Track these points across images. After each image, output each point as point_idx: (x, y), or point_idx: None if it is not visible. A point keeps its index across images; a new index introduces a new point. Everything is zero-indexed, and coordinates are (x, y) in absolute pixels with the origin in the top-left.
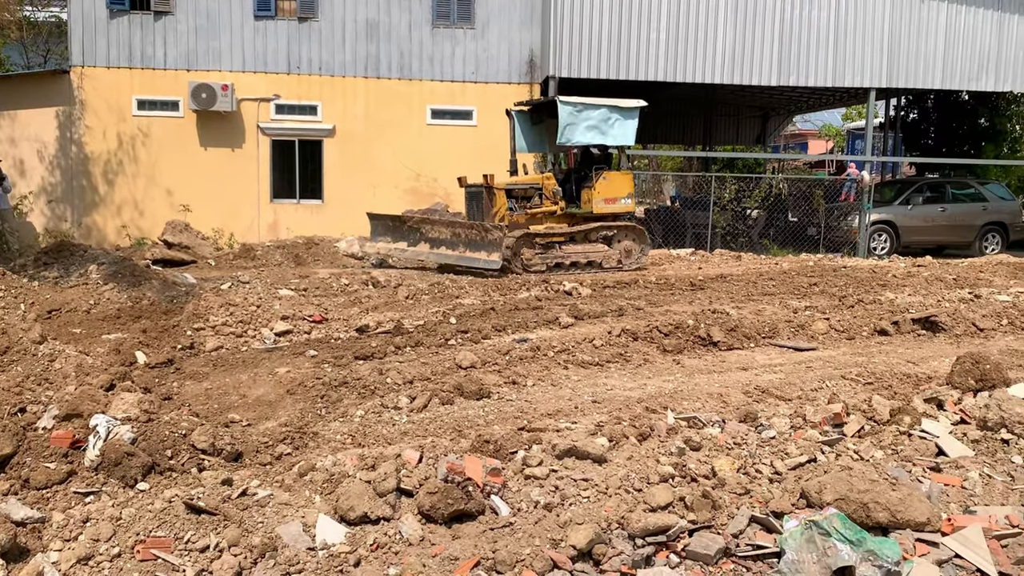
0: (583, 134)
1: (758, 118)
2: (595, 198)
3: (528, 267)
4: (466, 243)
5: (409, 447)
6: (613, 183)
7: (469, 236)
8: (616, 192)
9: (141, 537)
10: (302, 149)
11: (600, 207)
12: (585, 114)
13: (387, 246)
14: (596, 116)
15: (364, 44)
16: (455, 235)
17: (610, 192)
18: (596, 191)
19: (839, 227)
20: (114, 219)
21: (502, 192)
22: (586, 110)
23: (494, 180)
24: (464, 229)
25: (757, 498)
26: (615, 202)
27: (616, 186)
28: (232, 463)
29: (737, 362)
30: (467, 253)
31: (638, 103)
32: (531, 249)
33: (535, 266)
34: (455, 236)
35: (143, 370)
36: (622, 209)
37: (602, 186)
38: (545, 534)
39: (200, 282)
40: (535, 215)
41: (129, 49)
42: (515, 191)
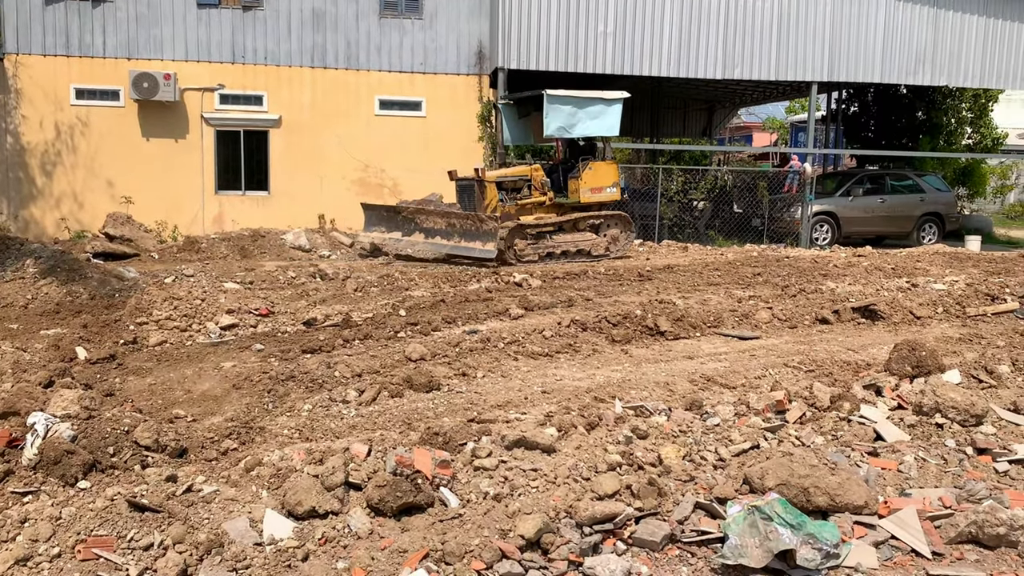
0: (568, 126)
1: (704, 111)
2: (582, 188)
3: (521, 257)
4: (461, 233)
5: (357, 441)
6: (598, 172)
7: (464, 226)
8: (602, 181)
9: (82, 536)
10: (247, 140)
11: (587, 196)
12: (569, 106)
13: (381, 236)
14: (580, 108)
15: (310, 33)
16: (450, 225)
17: (596, 181)
18: (582, 181)
19: (782, 218)
20: (52, 212)
21: (493, 184)
22: (570, 102)
23: (485, 173)
24: (459, 219)
25: (702, 484)
26: (601, 191)
27: (601, 175)
28: (177, 459)
29: (683, 351)
30: (462, 243)
31: (621, 94)
32: (523, 240)
33: (528, 256)
34: (450, 226)
35: (84, 366)
36: (608, 198)
37: (588, 176)
38: (494, 525)
39: (143, 276)
40: (525, 206)
41: (67, 36)
42: (505, 183)
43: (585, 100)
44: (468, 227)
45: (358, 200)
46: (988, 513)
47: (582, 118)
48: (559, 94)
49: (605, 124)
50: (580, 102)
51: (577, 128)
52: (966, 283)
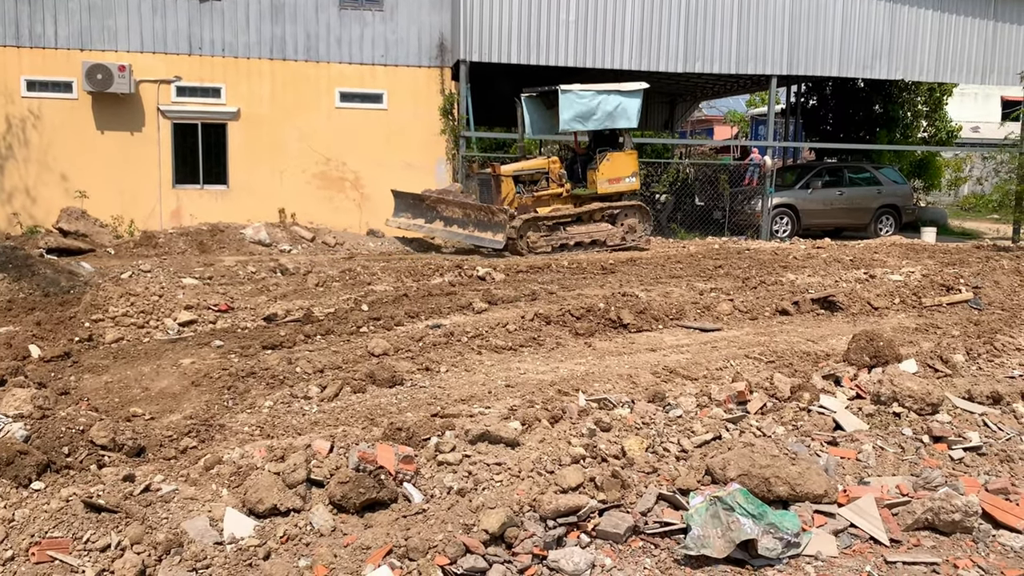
0: (584, 119)
1: (666, 104)
2: (599, 178)
3: (534, 248)
4: (475, 223)
5: (320, 437)
6: (616, 163)
7: (478, 217)
8: (620, 172)
9: (36, 539)
10: (205, 133)
11: (604, 187)
12: (586, 100)
13: (407, 221)
14: (598, 101)
15: (269, 25)
16: (466, 215)
17: (614, 172)
18: (600, 172)
19: (743, 211)
20: (3, 207)
21: (508, 179)
22: (587, 96)
23: (499, 168)
24: (473, 210)
25: (664, 476)
26: (619, 181)
27: (620, 166)
28: (134, 458)
29: (646, 344)
30: (475, 232)
31: (640, 85)
32: (536, 231)
33: (541, 247)
34: (466, 216)
35: (37, 364)
36: (627, 188)
37: (606, 167)
38: (458, 519)
39: (99, 271)
40: (541, 198)
41: (16, 26)
42: (522, 176)
43: (601, 93)
44: (481, 218)
45: (319, 194)
46: (944, 500)
47: (599, 111)
48: (573, 88)
49: (625, 116)
50: (596, 96)
51: (594, 121)
52: (922, 274)
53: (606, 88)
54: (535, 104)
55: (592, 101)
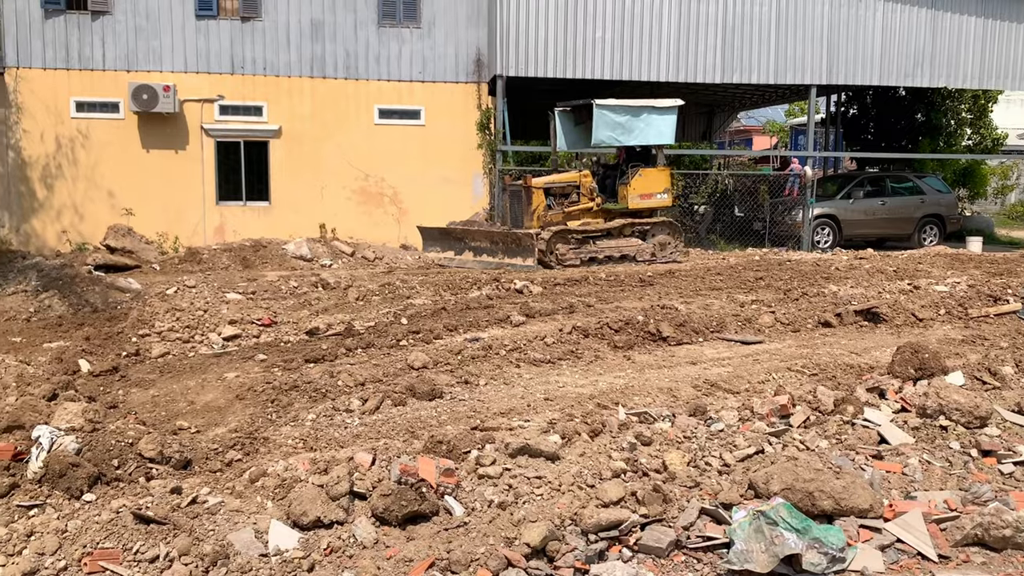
0: (617, 135)
1: (704, 115)
2: (630, 194)
3: (563, 261)
4: (504, 250)
5: (362, 450)
6: (648, 179)
7: (506, 243)
8: (652, 188)
9: (88, 549)
10: (248, 150)
11: (636, 202)
12: (619, 115)
13: (438, 255)
14: (630, 117)
15: (309, 44)
16: (493, 243)
17: (645, 188)
18: (631, 187)
19: (783, 221)
20: (54, 224)
21: (539, 191)
22: (620, 111)
23: (531, 180)
24: (500, 237)
25: (707, 490)
26: (651, 197)
27: (652, 182)
28: (181, 471)
29: (686, 357)
30: (505, 259)
31: (675, 102)
32: (566, 244)
33: (570, 260)
34: (494, 244)
35: (87, 379)
36: (658, 204)
37: (637, 182)
38: (499, 533)
39: (145, 287)
40: (572, 212)
41: (66, 50)
42: (553, 189)
43: (636, 109)
44: (509, 243)
45: (359, 209)
46: (994, 515)
47: (633, 126)
48: (608, 103)
49: (658, 132)
50: (630, 111)
51: (628, 136)
52: (968, 284)
53: (640, 104)
54: (568, 118)
55: (626, 116)
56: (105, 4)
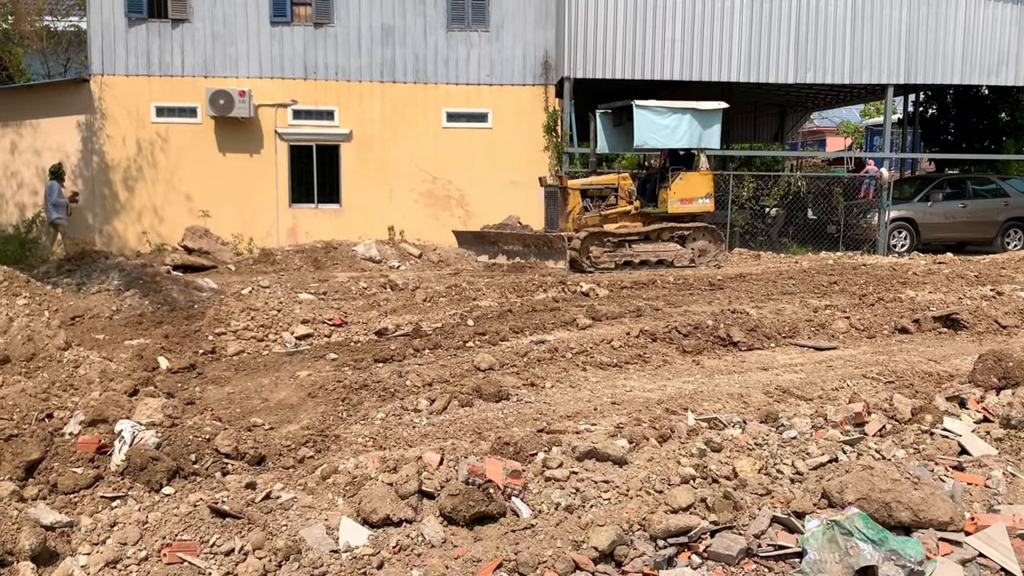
0: (659, 137)
1: (775, 115)
2: (670, 198)
3: (597, 264)
4: (535, 253)
5: (430, 449)
6: (690, 183)
7: (537, 246)
8: (693, 192)
9: (167, 541)
10: (319, 154)
11: (676, 207)
12: (661, 118)
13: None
14: (673, 120)
15: (380, 49)
16: (526, 246)
17: (686, 192)
18: (671, 191)
19: (858, 224)
20: (135, 225)
21: (576, 192)
22: (662, 114)
23: (567, 181)
24: (532, 240)
25: (778, 498)
26: (692, 202)
27: (693, 186)
28: (255, 467)
29: (757, 362)
30: (537, 262)
31: (719, 105)
32: (600, 247)
33: (603, 263)
34: (526, 247)
35: (166, 375)
36: (699, 209)
37: (678, 186)
38: (567, 536)
39: (221, 287)
40: (609, 215)
41: (147, 57)
42: (591, 191)
43: (679, 110)
44: (541, 246)
45: (426, 211)
46: None
47: (676, 129)
48: (650, 105)
49: (702, 135)
50: (672, 114)
51: (671, 139)
52: None
53: (684, 106)
54: (608, 120)
55: (667, 119)
56: (184, 12)
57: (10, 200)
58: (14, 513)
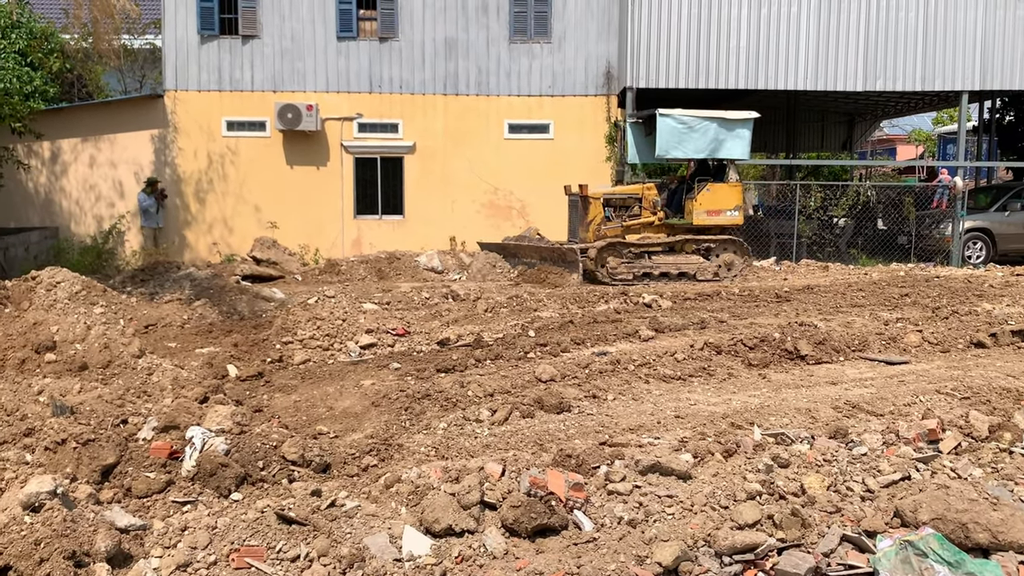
0: (682, 147)
1: (844, 123)
2: (696, 210)
3: (614, 276)
4: (552, 263)
5: (492, 460)
6: (717, 195)
7: (552, 258)
8: (721, 204)
9: (236, 546)
10: (383, 166)
11: (701, 219)
12: (686, 128)
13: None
14: (700, 129)
15: (443, 62)
16: (542, 258)
17: (713, 204)
18: (698, 202)
19: (931, 235)
20: (205, 236)
21: (597, 201)
22: (687, 123)
23: (588, 190)
24: (547, 252)
25: (848, 516)
26: (719, 214)
27: (721, 198)
28: (321, 474)
29: (826, 376)
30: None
31: (750, 115)
32: (617, 258)
33: (621, 275)
34: (542, 259)
35: (235, 383)
36: (727, 222)
37: (704, 198)
38: (630, 550)
39: (288, 297)
40: (632, 225)
41: (219, 72)
42: (614, 200)
43: (704, 120)
44: (555, 258)
45: (487, 222)
46: None
47: (702, 139)
48: (673, 113)
49: (730, 146)
50: (698, 122)
51: (695, 149)
52: None
53: (711, 115)
54: (639, 130)
55: (692, 128)
56: (254, 29)
57: (88, 212)
58: (91, 515)
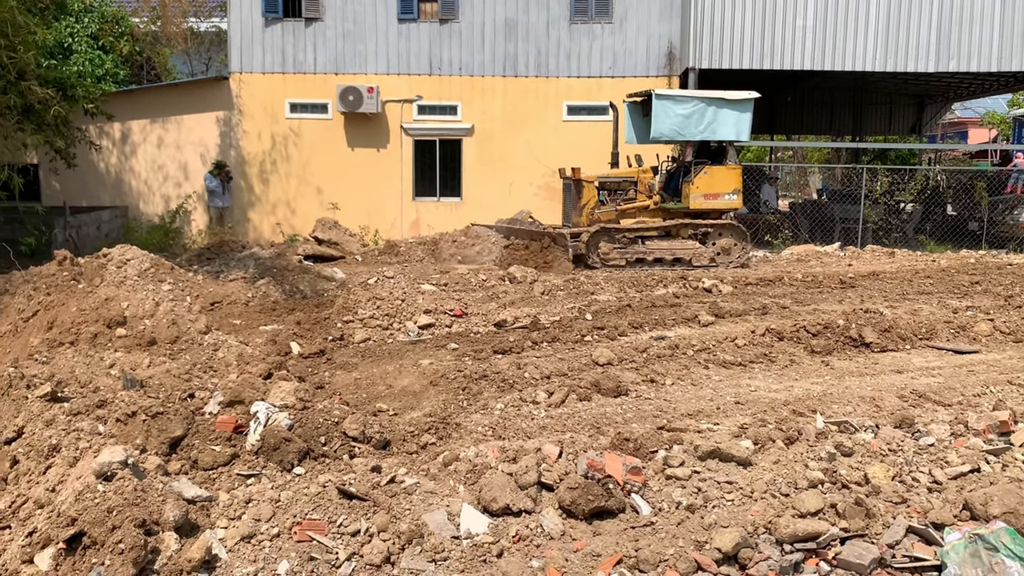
0: (677, 129)
1: (913, 106)
2: (693, 193)
3: (606, 261)
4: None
5: (549, 442)
6: (715, 178)
7: (540, 242)
8: (718, 188)
9: (298, 519)
10: (442, 148)
11: (698, 203)
12: (681, 108)
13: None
14: (695, 110)
15: (503, 43)
16: (533, 240)
17: (710, 188)
18: (694, 185)
19: (1004, 221)
20: (269, 217)
21: (590, 185)
22: (684, 104)
23: (580, 173)
24: (536, 236)
25: (915, 508)
26: (716, 198)
27: (719, 181)
28: (380, 451)
29: (891, 364)
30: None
31: (750, 95)
32: (610, 243)
33: (613, 260)
34: (532, 242)
35: (297, 360)
36: (725, 205)
37: (702, 181)
38: (688, 535)
39: (348, 277)
40: (626, 209)
41: (282, 55)
42: (608, 184)
43: (703, 101)
44: (545, 243)
45: (545, 204)
46: None
47: (699, 120)
48: (669, 93)
49: (729, 127)
50: (695, 104)
51: (693, 131)
52: None
53: (709, 96)
54: (637, 110)
55: (690, 109)
56: (317, 11)
57: (156, 192)
58: (159, 486)
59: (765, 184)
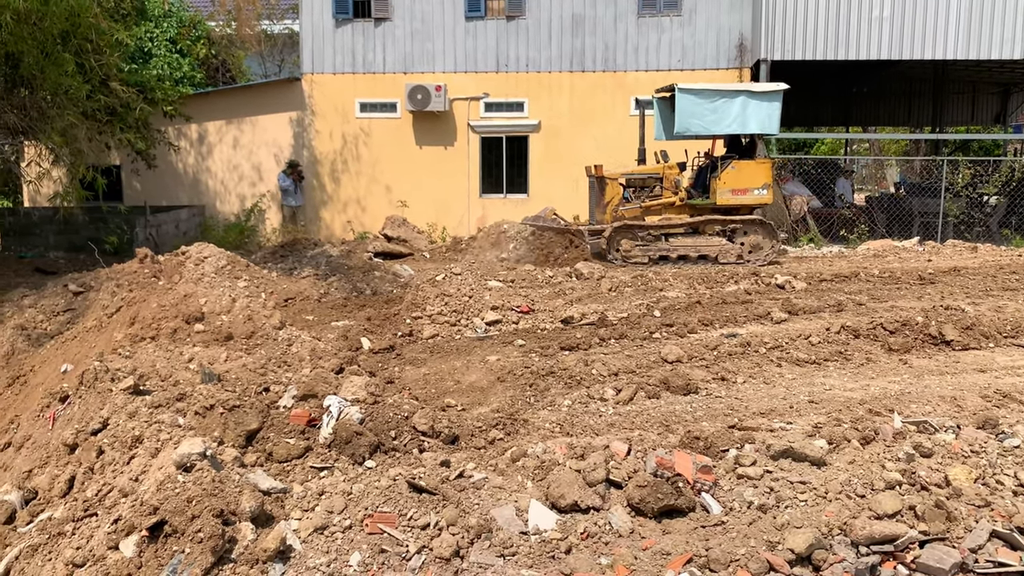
0: (702, 123)
1: (997, 95)
2: (720, 189)
3: (628, 259)
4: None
5: (617, 439)
6: (743, 173)
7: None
8: (747, 183)
9: (369, 511)
10: (509, 145)
11: (725, 198)
12: (706, 101)
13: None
14: (720, 104)
15: (570, 39)
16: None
17: (739, 183)
18: (721, 181)
19: None
20: (340, 215)
21: (614, 182)
22: (708, 97)
23: (603, 170)
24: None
25: (999, 511)
26: (745, 193)
27: (748, 176)
28: (449, 445)
29: (973, 363)
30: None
31: (778, 87)
32: (632, 240)
33: (635, 258)
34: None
35: (368, 355)
36: (754, 201)
37: (729, 176)
38: (760, 535)
39: (417, 274)
40: (652, 206)
41: (352, 55)
42: (633, 181)
43: (729, 94)
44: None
45: None
46: None
47: (725, 114)
48: (693, 87)
49: (758, 120)
50: (719, 97)
51: (718, 125)
52: None
53: (735, 88)
54: (666, 105)
55: (713, 103)
56: (386, 11)
57: (232, 191)
58: (236, 477)
59: (840, 178)
